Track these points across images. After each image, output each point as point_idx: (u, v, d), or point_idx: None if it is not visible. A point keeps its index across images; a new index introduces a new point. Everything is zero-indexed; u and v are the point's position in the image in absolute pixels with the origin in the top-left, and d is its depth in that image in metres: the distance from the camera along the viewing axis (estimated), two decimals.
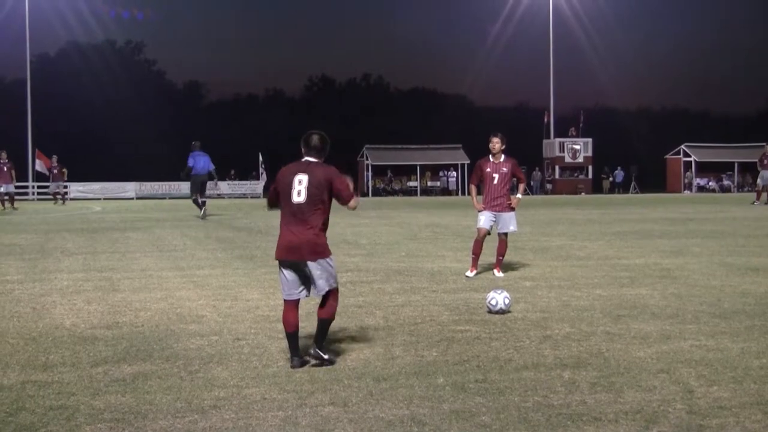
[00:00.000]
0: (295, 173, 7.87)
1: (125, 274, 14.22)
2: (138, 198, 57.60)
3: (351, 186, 8.01)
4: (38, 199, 55.51)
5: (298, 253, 7.76)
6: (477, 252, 13.86)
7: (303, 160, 8.03)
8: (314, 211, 7.79)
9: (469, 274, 13.71)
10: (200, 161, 29.29)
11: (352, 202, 8.00)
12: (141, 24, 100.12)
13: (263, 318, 10.12)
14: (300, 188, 7.78)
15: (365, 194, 58.60)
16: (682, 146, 68.75)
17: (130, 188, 59.95)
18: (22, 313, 10.51)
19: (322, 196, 7.80)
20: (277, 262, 8.01)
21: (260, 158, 61.33)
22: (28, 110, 61.25)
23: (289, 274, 7.91)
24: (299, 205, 7.77)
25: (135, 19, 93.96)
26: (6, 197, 37.30)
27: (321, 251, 7.82)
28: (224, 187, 62.19)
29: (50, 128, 63.45)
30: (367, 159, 65.71)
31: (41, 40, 79.50)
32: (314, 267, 7.78)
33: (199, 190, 29.73)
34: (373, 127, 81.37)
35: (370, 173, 65.24)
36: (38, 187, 57.77)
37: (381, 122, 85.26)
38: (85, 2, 70.75)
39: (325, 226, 7.92)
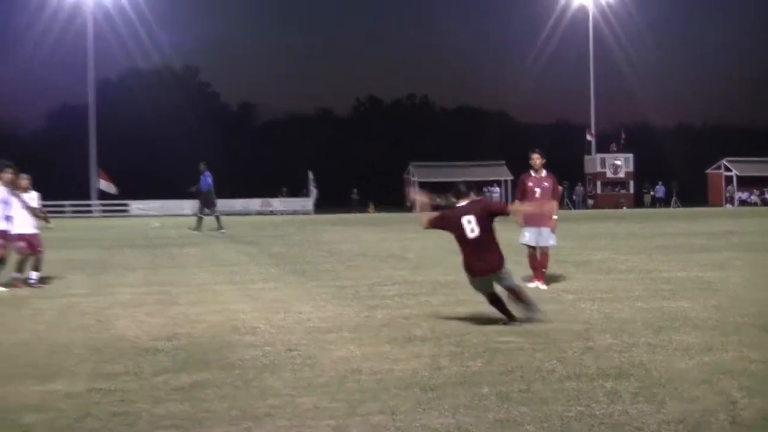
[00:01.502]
0: (460, 216, 10.08)
1: (183, 288, 14.37)
2: (194, 215, 57.98)
3: (498, 203, 9.85)
4: (102, 216, 56.26)
5: (491, 270, 10.05)
6: (535, 265, 13.91)
7: (459, 205, 10.26)
8: (487, 238, 10.04)
9: (531, 284, 13.67)
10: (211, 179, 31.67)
11: (509, 207, 11.45)
12: (196, 48, 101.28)
13: (314, 329, 10.16)
14: (471, 226, 9.97)
15: (412, 209, 58.52)
16: (723, 161, 67.99)
17: (187, 205, 60.37)
18: (87, 325, 10.67)
19: (487, 224, 10.05)
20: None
21: (310, 176, 61.70)
22: (92, 132, 62.17)
23: (481, 284, 10.25)
24: (475, 238, 9.96)
25: (190, 43, 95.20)
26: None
27: (503, 263, 10.10)
28: (276, 204, 62.54)
29: (113, 149, 64.21)
30: (413, 176, 65.87)
31: (104, 65, 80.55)
32: (502, 275, 10.14)
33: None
34: (419, 144, 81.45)
35: (416, 190, 65.37)
36: (102, 204, 58.63)
37: (426, 140, 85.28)
38: (144, 28, 71.75)
39: (497, 244, 10.15)
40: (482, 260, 10.01)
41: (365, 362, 8.26)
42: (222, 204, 56.66)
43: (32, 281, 14.75)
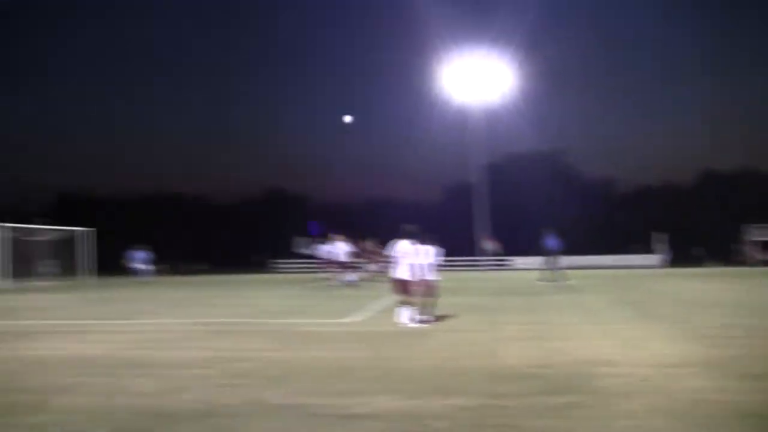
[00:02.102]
0: None
1: (554, 327, 14.29)
2: (548, 269, 57.46)
3: None
4: (488, 270, 57.70)
5: None
6: None
7: None
8: None
9: None
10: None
11: None
12: (563, 131, 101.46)
13: (664, 364, 9.67)
14: None
15: (747, 264, 53.80)
16: None
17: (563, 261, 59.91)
18: (479, 354, 10.93)
19: None
20: None
21: (656, 236, 59.12)
22: (478, 204, 64.50)
23: None
24: None
25: (558, 127, 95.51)
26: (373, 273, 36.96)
27: None
28: (628, 260, 60.41)
29: (496, 215, 65.76)
30: (748, 236, 60.93)
31: (490, 149, 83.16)
32: None
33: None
34: (749, 209, 74.92)
35: (749, 248, 60.37)
36: (488, 260, 60.17)
37: (759, 206, 78.24)
38: (520, 119, 73.14)
39: None
40: None
41: (710, 393, 7.76)
42: (582, 260, 55.83)
43: (429, 319, 15.42)
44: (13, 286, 38.66)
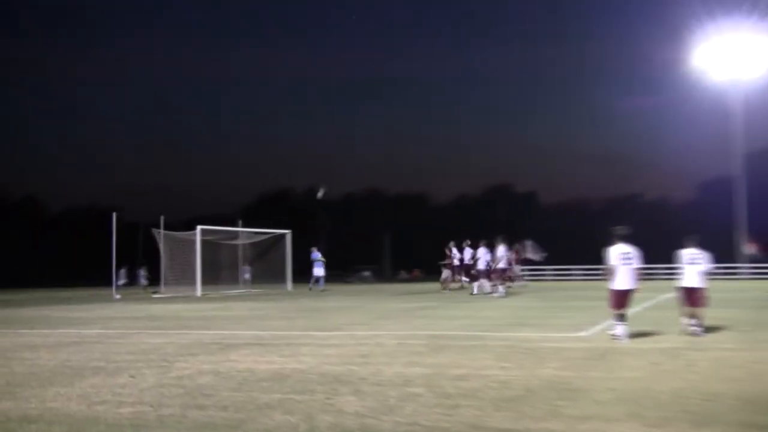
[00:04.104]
0: None
1: None
2: None
3: None
4: (750, 278, 53.01)
5: None
6: None
7: None
8: None
9: None
10: None
11: None
12: None
13: None
14: None
15: None
16: None
17: None
18: (736, 376, 9.78)
19: None
20: None
21: None
22: (740, 201, 59.31)
23: None
24: None
25: None
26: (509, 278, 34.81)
27: None
28: None
29: (761, 215, 60.20)
30: None
31: (751, 138, 76.83)
32: None
33: None
34: None
35: None
36: (749, 267, 55.37)
37: None
38: None
39: None
40: None
41: None
42: None
43: (694, 330, 14.36)
44: (207, 293, 37.79)
